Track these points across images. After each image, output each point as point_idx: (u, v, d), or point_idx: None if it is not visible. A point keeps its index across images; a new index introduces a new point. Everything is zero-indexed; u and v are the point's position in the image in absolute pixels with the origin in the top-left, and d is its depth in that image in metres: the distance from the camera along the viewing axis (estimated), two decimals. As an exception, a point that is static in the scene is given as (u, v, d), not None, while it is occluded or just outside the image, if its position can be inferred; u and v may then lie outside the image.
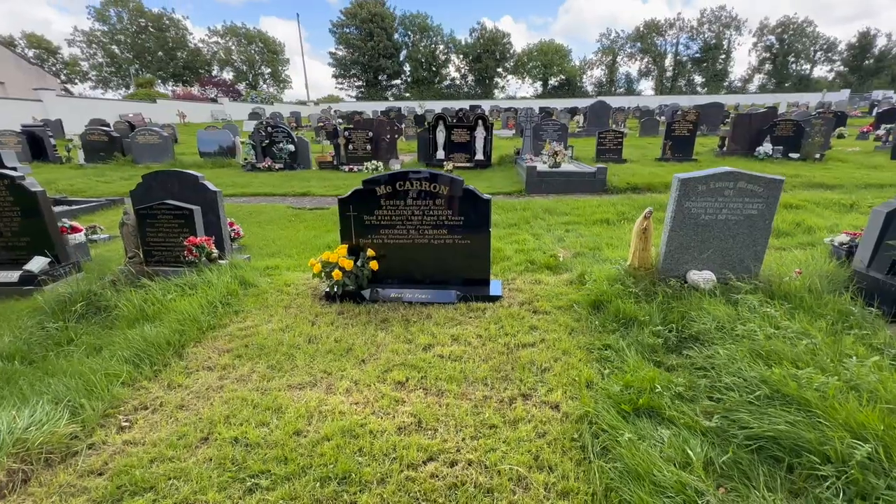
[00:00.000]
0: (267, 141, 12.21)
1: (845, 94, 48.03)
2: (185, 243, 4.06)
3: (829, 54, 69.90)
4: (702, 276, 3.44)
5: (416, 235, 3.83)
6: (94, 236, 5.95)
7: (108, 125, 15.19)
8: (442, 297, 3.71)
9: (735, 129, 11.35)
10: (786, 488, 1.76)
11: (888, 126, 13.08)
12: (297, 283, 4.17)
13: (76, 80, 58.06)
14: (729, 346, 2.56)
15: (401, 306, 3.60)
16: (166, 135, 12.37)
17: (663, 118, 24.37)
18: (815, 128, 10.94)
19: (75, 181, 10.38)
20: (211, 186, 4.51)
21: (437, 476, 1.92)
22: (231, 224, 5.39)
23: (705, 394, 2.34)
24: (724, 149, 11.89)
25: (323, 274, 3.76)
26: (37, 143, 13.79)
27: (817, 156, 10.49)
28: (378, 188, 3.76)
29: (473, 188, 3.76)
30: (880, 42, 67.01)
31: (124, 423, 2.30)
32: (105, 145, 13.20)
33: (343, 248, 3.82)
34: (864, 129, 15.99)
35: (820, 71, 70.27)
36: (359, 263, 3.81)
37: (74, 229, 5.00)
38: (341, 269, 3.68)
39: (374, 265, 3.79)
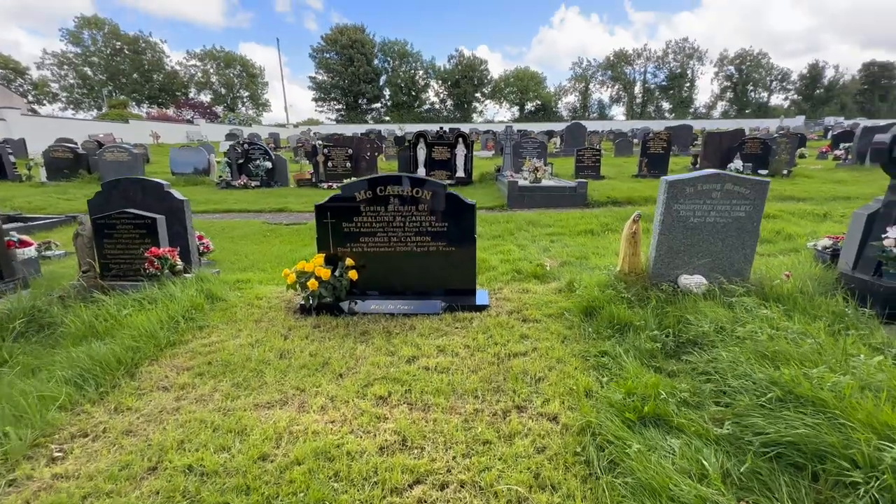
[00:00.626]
0: (243, 158, 11.91)
1: (800, 120, 51.19)
2: (146, 255, 3.74)
3: (784, 84, 74.92)
4: (693, 281, 3.35)
5: (398, 243, 3.64)
6: (49, 252, 5.51)
7: (75, 144, 14.59)
8: (426, 308, 3.49)
9: (706, 148, 11.74)
10: (811, 499, 1.59)
11: (846, 145, 13.82)
12: (269, 296, 3.89)
13: (45, 102, 56.46)
14: (731, 348, 2.42)
15: (382, 318, 3.36)
16: (136, 152, 11.92)
17: (636, 140, 25.24)
18: (781, 146, 11.43)
19: (34, 199, 9.80)
20: (178, 195, 4.23)
21: (425, 501, 1.67)
22: (200, 238, 5.08)
23: (712, 399, 2.18)
24: (697, 166, 12.25)
25: (298, 285, 3.50)
26: (-5, 161, 13.07)
27: (785, 172, 10.90)
28: (357, 194, 3.57)
29: (457, 193, 3.62)
30: (829, 73, 72.42)
31: (57, 454, 1.96)
32: (70, 163, 12.62)
33: (320, 258, 3.59)
34: (823, 150, 16.87)
35: (776, 99, 75.05)
36: (337, 273, 3.57)
37: (23, 244, 4.59)
38: (318, 279, 3.43)
39: (353, 275, 3.56)
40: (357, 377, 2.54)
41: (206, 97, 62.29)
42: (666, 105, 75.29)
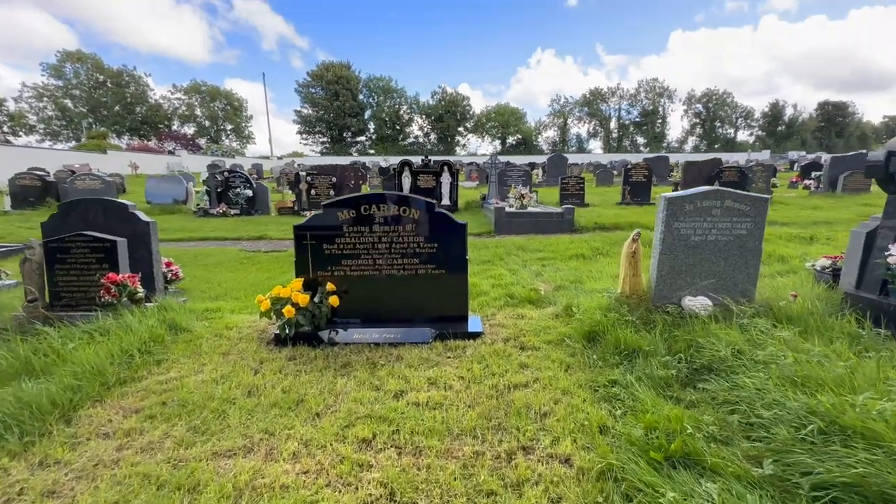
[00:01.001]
0: (223, 186, 11.60)
1: (766, 153, 54.03)
2: (101, 281, 3.37)
3: (748, 121, 79.60)
4: (698, 303, 3.16)
5: (384, 266, 3.37)
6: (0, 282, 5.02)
7: (44, 171, 14.05)
8: (414, 336, 3.19)
9: (686, 175, 12.02)
10: (884, 555, 1.33)
11: (817, 174, 14.39)
12: (241, 325, 3.52)
13: (21, 133, 55.32)
14: (755, 374, 2.20)
15: (366, 348, 3.04)
16: (110, 179, 11.50)
17: (616, 171, 25.96)
18: (757, 174, 11.78)
19: (-7, 227, 9.21)
20: (143, 217, 3.90)
21: (419, 575, 1.34)
22: (168, 264, 4.70)
23: (741, 433, 1.93)
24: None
25: (272, 312, 3.17)
26: (-44, 190, 12.41)
27: (762, 199, 11.19)
28: (340, 213, 3.32)
29: (446, 212, 3.41)
30: (788, 111, 77.46)
31: (-49, 526, 1.56)
32: (37, 191, 12.07)
33: (298, 283, 3.28)
34: (794, 180, 17.55)
35: (742, 135, 79.40)
36: (316, 300, 3.26)
37: (-34, 271, 4.14)
38: (295, 305, 3.11)
39: (334, 301, 3.25)
40: (337, 416, 2.20)
41: (189, 130, 62.19)
42: (640, 139, 78.68)
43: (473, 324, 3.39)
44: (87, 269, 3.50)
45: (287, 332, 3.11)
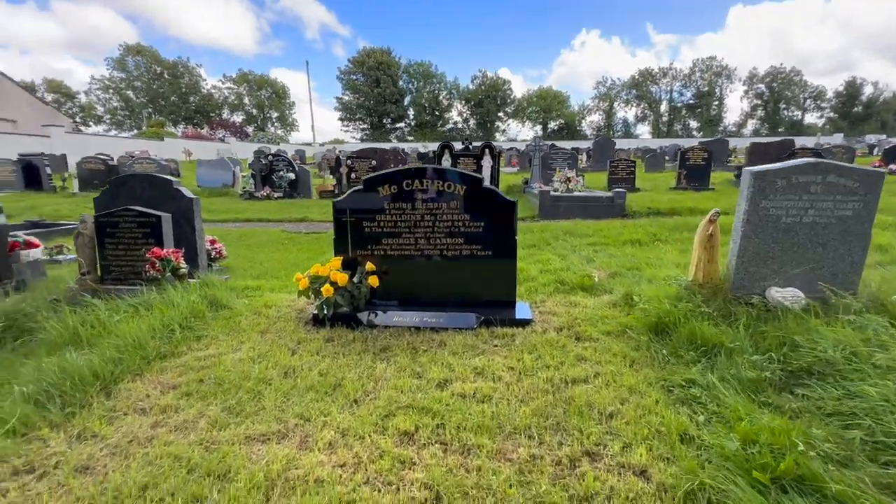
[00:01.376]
0: (267, 170, 11.83)
1: (838, 137, 49.01)
2: (146, 256, 3.38)
3: (819, 102, 72.34)
4: (788, 294, 2.71)
5: (426, 246, 3.15)
6: (60, 256, 5.28)
7: (107, 156, 14.98)
8: (458, 321, 2.96)
9: (752, 158, 10.95)
10: None
11: (906, 157, 12.73)
12: (280, 304, 3.44)
13: (91, 123, 59.84)
14: (877, 382, 1.79)
15: (406, 332, 2.85)
16: (164, 163, 12.03)
17: (667, 156, 24.38)
18: (837, 157, 10.52)
19: (61, 207, 9.87)
20: (187, 193, 3.90)
21: None
22: (213, 242, 4.74)
23: (863, 454, 1.56)
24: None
25: (311, 291, 3.04)
26: (33, 173, 13.48)
27: (842, 184, 9.99)
28: (381, 188, 3.12)
29: (495, 188, 3.12)
30: (867, 90, 69.61)
31: (-15, 497, 1.51)
32: (101, 175, 12.85)
33: (336, 261, 3.13)
34: (876, 164, 15.70)
35: (811, 117, 72.38)
36: (355, 280, 3.10)
37: (29, 245, 4.34)
38: (333, 284, 2.97)
39: (373, 282, 3.08)
40: (376, 404, 2.02)
41: (238, 118, 64.83)
42: (693, 123, 73.72)
43: (522, 310, 3.12)
44: (133, 243, 3.52)
45: (325, 312, 2.97)
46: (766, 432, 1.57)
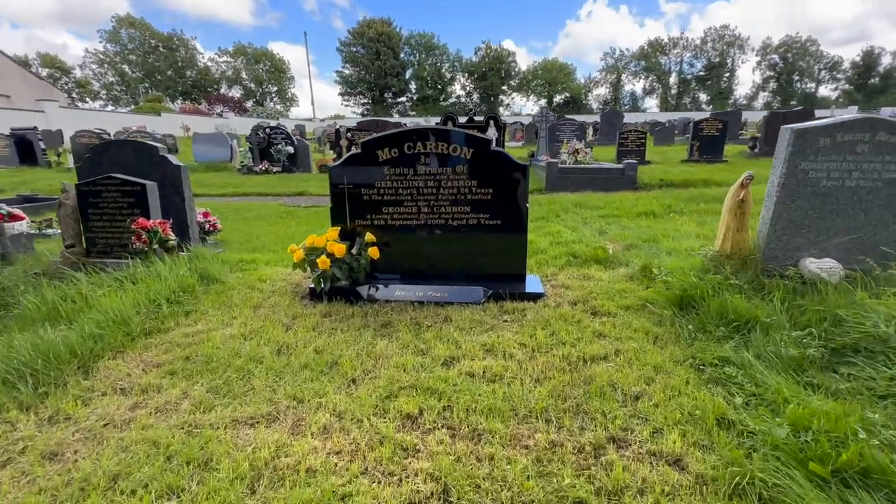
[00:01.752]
0: (265, 143, 11.49)
1: (853, 110, 47.52)
2: (132, 227, 3.17)
3: (834, 73, 69.82)
4: (824, 265, 2.48)
5: (430, 215, 2.92)
6: (50, 230, 5.09)
7: (101, 130, 14.63)
8: (464, 296, 2.76)
9: (768, 128, 10.49)
10: None
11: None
12: (275, 278, 3.25)
13: (87, 99, 58.81)
14: (942, 360, 1.59)
15: (409, 307, 2.66)
16: (160, 137, 11.68)
17: (677, 129, 23.69)
18: (858, 126, 10.05)
19: (55, 182, 9.62)
20: (174, 160, 3.65)
21: None
22: (206, 214, 4.52)
23: (930, 442, 1.36)
24: (757, 150, 11.01)
25: (307, 264, 2.84)
26: (27, 149, 13.19)
27: (863, 155, 9.57)
28: (381, 152, 2.87)
29: (505, 151, 2.86)
30: (885, 61, 67.02)
31: (-62, 488, 1.35)
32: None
33: (334, 231, 2.91)
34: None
35: (825, 90, 70.04)
36: (354, 251, 2.88)
37: (13, 217, 4.13)
38: (330, 256, 2.76)
39: (373, 253, 2.86)
40: (376, 384, 1.84)
41: (236, 93, 63.48)
42: (703, 96, 71.63)
43: (532, 284, 2.91)
44: (118, 214, 3.31)
45: (322, 285, 2.78)
46: (819, 417, 1.37)
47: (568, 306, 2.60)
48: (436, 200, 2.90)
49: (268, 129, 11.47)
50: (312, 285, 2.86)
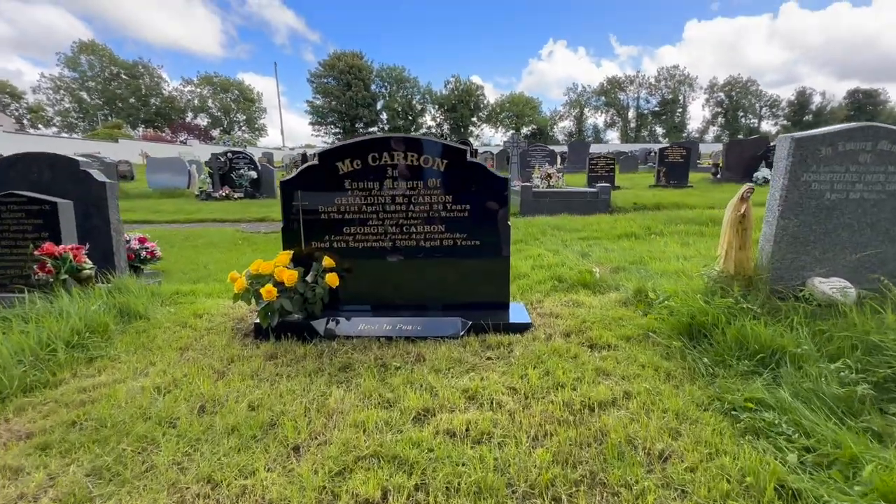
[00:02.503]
0: (226, 168, 10.90)
1: (795, 142, 51.50)
2: (35, 253, 2.61)
3: (774, 110, 76.39)
4: (835, 285, 2.25)
5: (398, 235, 2.54)
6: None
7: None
8: (440, 328, 2.36)
9: (729, 156, 10.90)
10: None
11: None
12: (214, 312, 2.74)
13: (39, 126, 55.93)
14: None
15: (374, 344, 2.22)
16: (108, 162, 10.90)
17: (639, 159, 24.70)
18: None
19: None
20: (99, 177, 3.13)
21: None
22: (142, 240, 3.96)
23: None
24: (719, 176, 11.38)
25: (251, 295, 2.37)
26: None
27: (817, 181, 10.03)
28: (341, 164, 2.49)
29: (483, 163, 2.55)
30: (816, 100, 74.09)
31: None
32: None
33: (285, 256, 2.47)
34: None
35: (766, 125, 76.18)
36: (309, 279, 2.45)
37: None
38: (278, 285, 2.30)
39: (332, 281, 2.43)
40: (326, 453, 1.38)
41: (202, 121, 62.19)
42: (659, 129, 76.26)
43: (517, 312, 2.54)
44: (21, 238, 2.75)
45: (269, 320, 2.30)
46: (916, 486, 1.03)
47: (560, 338, 2.23)
48: (405, 219, 2.52)
49: (229, 153, 10.92)
50: (258, 320, 2.38)
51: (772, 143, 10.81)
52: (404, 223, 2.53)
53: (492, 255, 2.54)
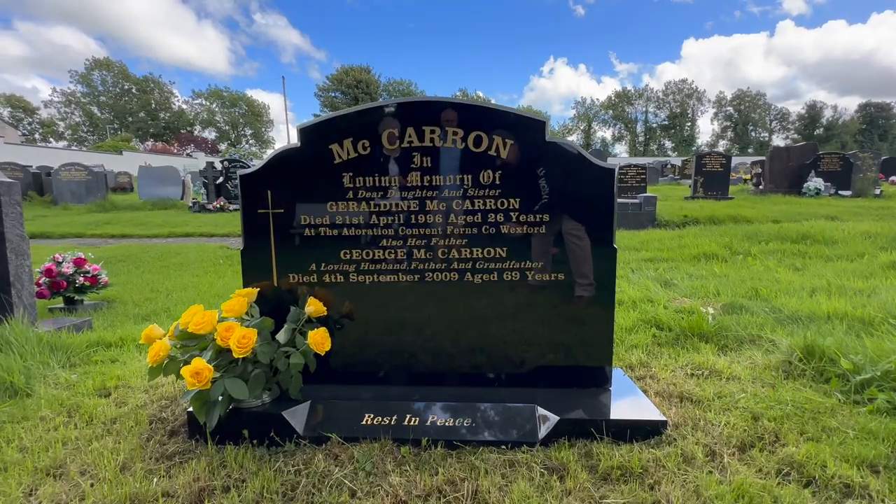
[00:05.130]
0: (222, 177, 10.07)
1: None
2: None
3: (784, 123, 75.55)
4: None
5: (430, 263, 1.55)
6: None
7: (28, 165, 12.93)
8: (502, 425, 1.35)
9: (772, 165, 9.87)
10: None
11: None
12: (133, 384, 1.74)
13: (51, 139, 56.31)
14: None
15: (389, 459, 1.21)
16: (97, 171, 10.12)
17: (659, 172, 23.75)
18: (865, 163, 9.56)
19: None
20: (-9, 173, 2.18)
21: None
22: (80, 262, 3.01)
23: None
24: (762, 187, 10.35)
25: (179, 367, 1.37)
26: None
27: (877, 192, 8.96)
28: (337, 147, 1.52)
29: (570, 145, 1.56)
30: (827, 113, 73.25)
31: None
32: (21, 183, 10.80)
33: (240, 300, 1.47)
34: (880, 177, 15.19)
35: (777, 139, 75.25)
36: (281, 338, 1.45)
37: None
38: (222, 354, 1.31)
39: (319, 342, 1.43)
40: None
41: (210, 135, 62.44)
42: (668, 143, 75.54)
43: (625, 391, 1.52)
44: None
45: (208, 417, 1.30)
46: None
47: (736, 460, 1.20)
48: (441, 237, 1.53)
49: (225, 163, 10.09)
50: (191, 409, 1.38)
51: (821, 153, 9.78)
52: (440, 244, 1.54)
53: (580, 294, 1.54)
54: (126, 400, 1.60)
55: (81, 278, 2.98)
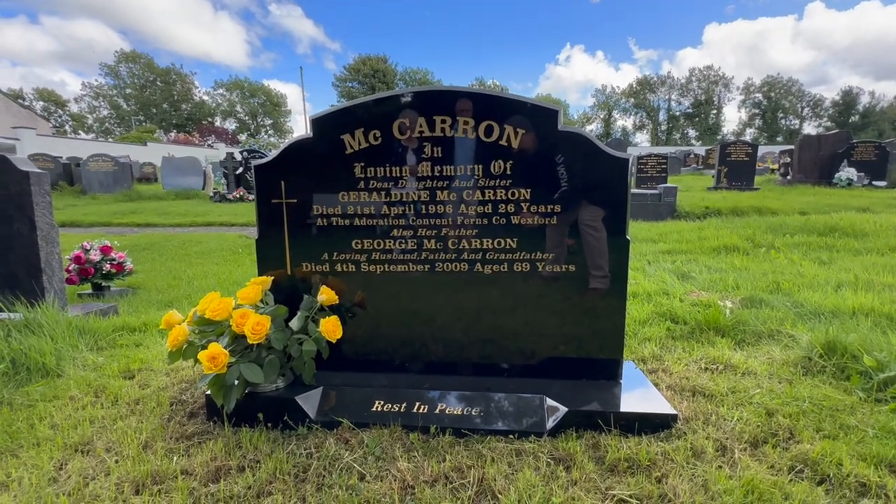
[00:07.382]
0: (242, 167, 10.25)
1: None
2: None
3: (817, 111, 72.09)
4: None
5: (441, 253, 1.55)
6: None
7: (59, 156, 13.41)
8: (512, 416, 1.36)
9: (802, 154, 9.48)
10: None
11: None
12: (156, 367, 1.81)
13: (80, 132, 58.17)
14: None
15: (398, 445, 1.24)
16: (123, 161, 10.43)
17: (680, 161, 23.11)
18: (902, 151, 9.08)
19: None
20: (21, 165, 2.28)
21: None
22: (105, 249, 3.12)
23: None
24: (789, 177, 9.96)
25: (199, 350, 1.42)
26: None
27: (915, 182, 8.52)
28: (348, 137, 1.53)
29: (583, 134, 1.53)
30: (863, 100, 69.48)
31: None
32: (52, 173, 11.21)
33: (255, 287, 1.51)
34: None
35: (808, 126, 71.91)
36: (294, 325, 1.48)
37: None
38: (238, 339, 1.35)
39: (331, 331, 1.46)
40: None
41: (230, 125, 63.45)
42: (692, 132, 73.20)
43: (635, 384, 1.51)
44: None
45: (225, 400, 1.35)
46: None
47: (747, 455, 1.19)
48: (452, 227, 1.54)
49: (244, 153, 10.26)
50: (209, 392, 1.43)
51: (854, 141, 9.34)
52: (451, 234, 1.54)
53: (595, 290, 1.52)
54: (149, 382, 1.68)
55: (108, 265, 3.10)
